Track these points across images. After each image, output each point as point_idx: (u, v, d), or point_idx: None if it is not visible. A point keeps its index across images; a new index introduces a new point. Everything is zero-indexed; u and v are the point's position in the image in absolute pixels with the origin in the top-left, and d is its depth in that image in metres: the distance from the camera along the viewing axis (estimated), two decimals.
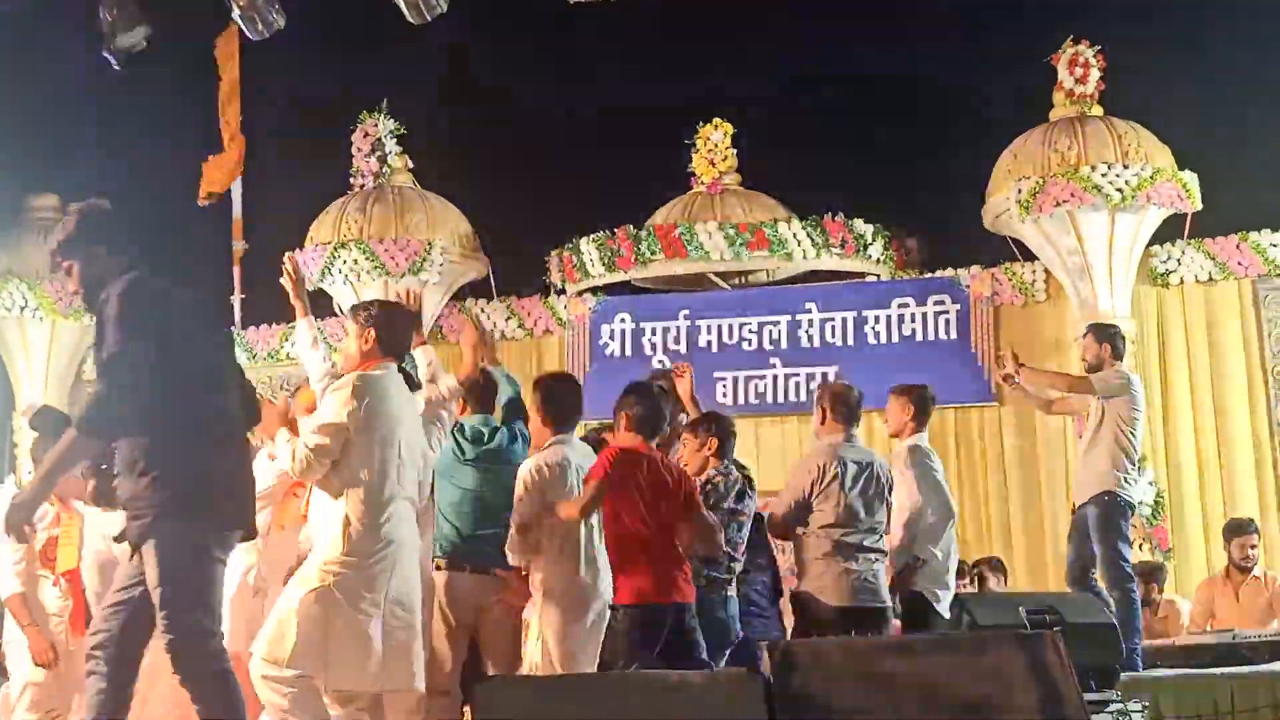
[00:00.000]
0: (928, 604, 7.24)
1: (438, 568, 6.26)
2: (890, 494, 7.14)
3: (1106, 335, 8.33)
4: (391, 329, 5.63)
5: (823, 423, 7.14)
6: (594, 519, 5.96)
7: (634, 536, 5.70)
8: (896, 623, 7.28)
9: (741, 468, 6.86)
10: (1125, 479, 8.01)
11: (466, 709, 5.79)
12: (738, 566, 6.57)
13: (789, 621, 7.41)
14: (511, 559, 6.02)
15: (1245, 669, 7.35)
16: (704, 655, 5.85)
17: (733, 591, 6.52)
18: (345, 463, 5.37)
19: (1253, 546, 9.35)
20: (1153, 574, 9.70)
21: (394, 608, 5.32)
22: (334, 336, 12.75)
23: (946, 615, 7.12)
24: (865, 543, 6.91)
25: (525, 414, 6.46)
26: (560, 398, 6.21)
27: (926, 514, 7.32)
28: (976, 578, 9.73)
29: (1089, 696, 5.18)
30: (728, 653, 6.49)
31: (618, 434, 5.99)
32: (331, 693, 5.36)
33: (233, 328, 12.97)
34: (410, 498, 5.48)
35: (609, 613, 5.90)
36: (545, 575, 6.00)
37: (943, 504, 7.43)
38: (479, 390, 6.53)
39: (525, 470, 6.02)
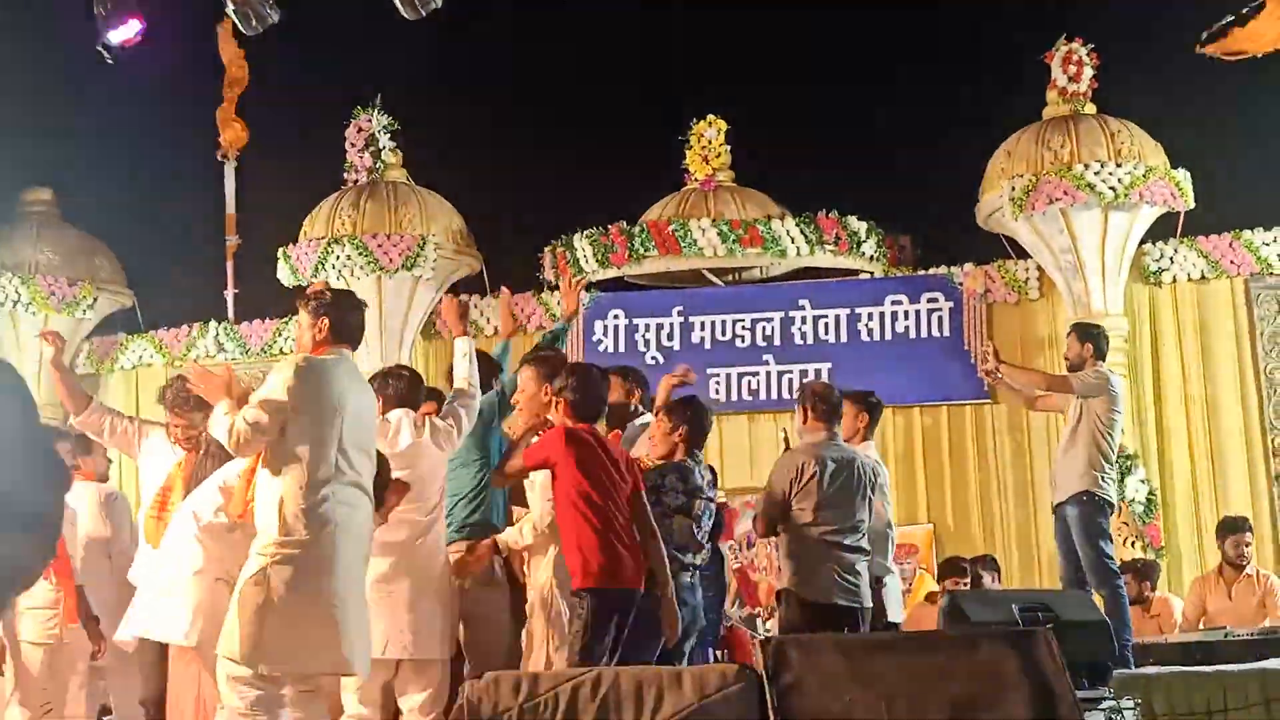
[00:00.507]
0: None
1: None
2: (873, 492, 7.17)
3: (1089, 335, 8.36)
4: (343, 316, 5.58)
5: (804, 422, 7.18)
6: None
7: (591, 518, 5.71)
8: None
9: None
10: (1103, 478, 8.06)
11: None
12: (706, 554, 6.57)
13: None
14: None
15: (1237, 666, 7.35)
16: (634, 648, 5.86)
17: (696, 579, 6.47)
18: (282, 443, 5.31)
19: (1247, 545, 9.37)
20: (1146, 571, 9.72)
21: (335, 589, 5.23)
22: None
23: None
24: (846, 541, 6.93)
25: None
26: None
27: (882, 530, 7.52)
28: (971, 576, 9.74)
29: (1081, 694, 5.19)
30: (692, 639, 6.50)
31: (556, 417, 6.00)
32: (293, 685, 5.35)
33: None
34: (357, 483, 5.37)
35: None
36: (558, 562, 6.03)
37: (883, 517, 7.62)
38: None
39: None
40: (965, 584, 9.47)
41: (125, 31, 10.84)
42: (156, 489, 6.63)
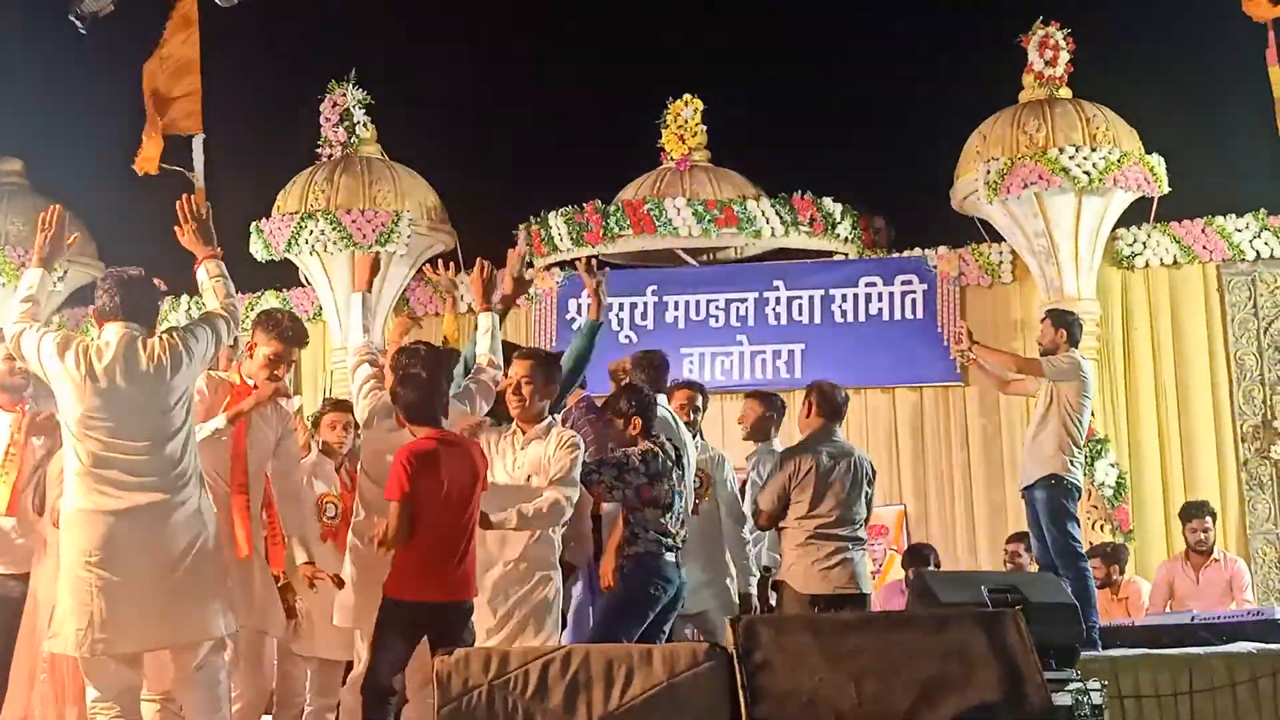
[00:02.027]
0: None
1: None
2: (870, 485, 7.46)
3: (1063, 321, 8.40)
4: (102, 296, 5.48)
5: (807, 416, 7.47)
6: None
7: (420, 535, 5.48)
8: None
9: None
10: (1071, 462, 8.11)
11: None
12: (684, 533, 6.59)
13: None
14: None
15: (1203, 649, 7.42)
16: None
17: (678, 558, 6.53)
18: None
19: (1206, 530, 9.41)
20: (1114, 555, 9.76)
21: (99, 572, 5.20)
22: (299, 308, 12.72)
23: None
24: (842, 532, 7.22)
25: None
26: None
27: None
28: (1011, 555, 9.72)
29: (1049, 675, 5.21)
30: (673, 618, 6.61)
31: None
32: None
33: None
34: (134, 473, 5.28)
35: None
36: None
37: None
38: None
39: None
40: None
41: (98, 1, 10.76)
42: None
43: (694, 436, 7.32)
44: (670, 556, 6.43)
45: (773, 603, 7.60)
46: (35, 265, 5.63)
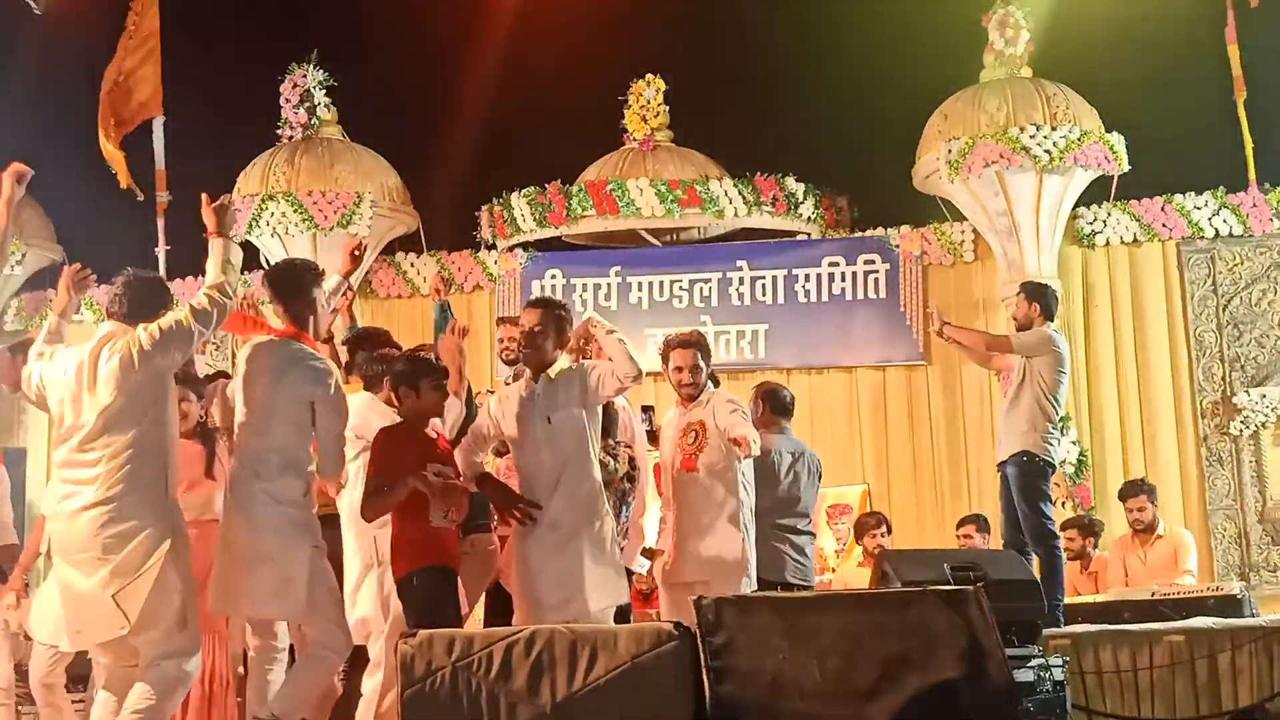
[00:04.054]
0: None
1: None
2: (820, 481, 7.71)
3: (1037, 294, 8.38)
4: (120, 294, 5.81)
5: (760, 416, 7.55)
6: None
7: None
8: None
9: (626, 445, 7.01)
10: (1045, 438, 8.08)
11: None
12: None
13: None
14: None
15: (1163, 625, 7.47)
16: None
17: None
18: None
19: (1143, 509, 9.41)
20: (1090, 528, 9.77)
21: (60, 571, 5.36)
22: (260, 292, 12.62)
23: None
24: (798, 526, 7.44)
25: None
26: None
27: None
28: (962, 538, 9.75)
29: (1011, 651, 5.25)
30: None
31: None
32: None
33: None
34: (83, 475, 5.31)
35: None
36: None
37: None
38: None
39: None
40: (880, 533, 9.57)
41: None
42: None
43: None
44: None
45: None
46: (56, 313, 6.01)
